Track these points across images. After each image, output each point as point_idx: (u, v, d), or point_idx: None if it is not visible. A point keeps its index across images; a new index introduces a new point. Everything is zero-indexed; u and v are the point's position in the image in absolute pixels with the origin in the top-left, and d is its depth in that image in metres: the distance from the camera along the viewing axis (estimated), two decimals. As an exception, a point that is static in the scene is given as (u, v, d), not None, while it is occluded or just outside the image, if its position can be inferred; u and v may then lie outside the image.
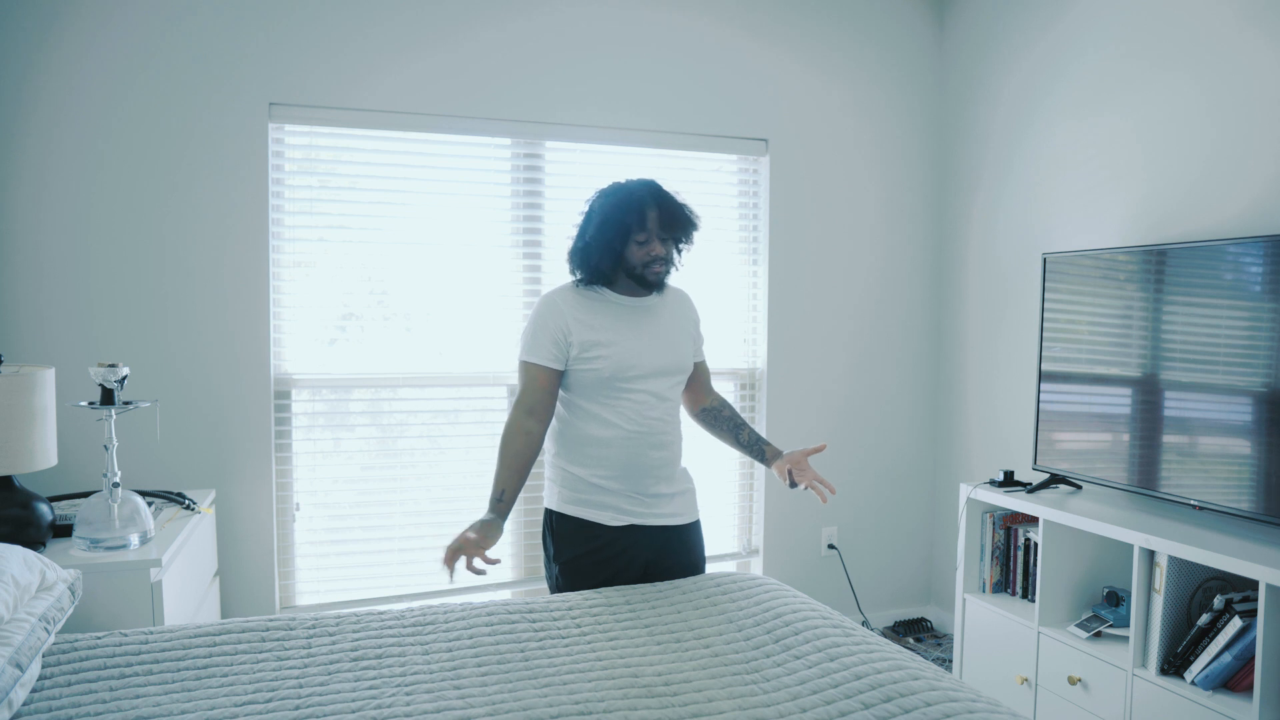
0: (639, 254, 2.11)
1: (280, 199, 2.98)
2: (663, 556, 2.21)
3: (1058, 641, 2.66)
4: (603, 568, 2.15)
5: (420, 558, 3.20)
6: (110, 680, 1.60)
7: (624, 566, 2.16)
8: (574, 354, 2.11)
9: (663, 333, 2.19)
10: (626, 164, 3.38)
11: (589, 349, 2.10)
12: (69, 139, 2.72)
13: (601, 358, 2.10)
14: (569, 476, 2.17)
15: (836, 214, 3.64)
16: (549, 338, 2.11)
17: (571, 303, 2.14)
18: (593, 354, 2.10)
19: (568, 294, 2.17)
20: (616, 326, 2.13)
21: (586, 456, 2.15)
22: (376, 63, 2.99)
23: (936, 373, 3.84)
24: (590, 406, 2.14)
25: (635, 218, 2.09)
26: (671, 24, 3.34)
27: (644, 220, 2.09)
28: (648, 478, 2.15)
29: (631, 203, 2.10)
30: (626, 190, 2.14)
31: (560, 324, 2.11)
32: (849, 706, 1.52)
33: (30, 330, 2.71)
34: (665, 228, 2.11)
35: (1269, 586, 2.04)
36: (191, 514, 2.51)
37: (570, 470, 2.17)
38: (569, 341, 2.11)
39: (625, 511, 2.15)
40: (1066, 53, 3.13)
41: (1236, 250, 2.38)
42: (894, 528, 3.81)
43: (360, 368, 3.12)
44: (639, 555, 2.18)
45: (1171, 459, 2.55)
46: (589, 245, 2.13)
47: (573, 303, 2.14)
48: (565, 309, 2.13)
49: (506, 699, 1.54)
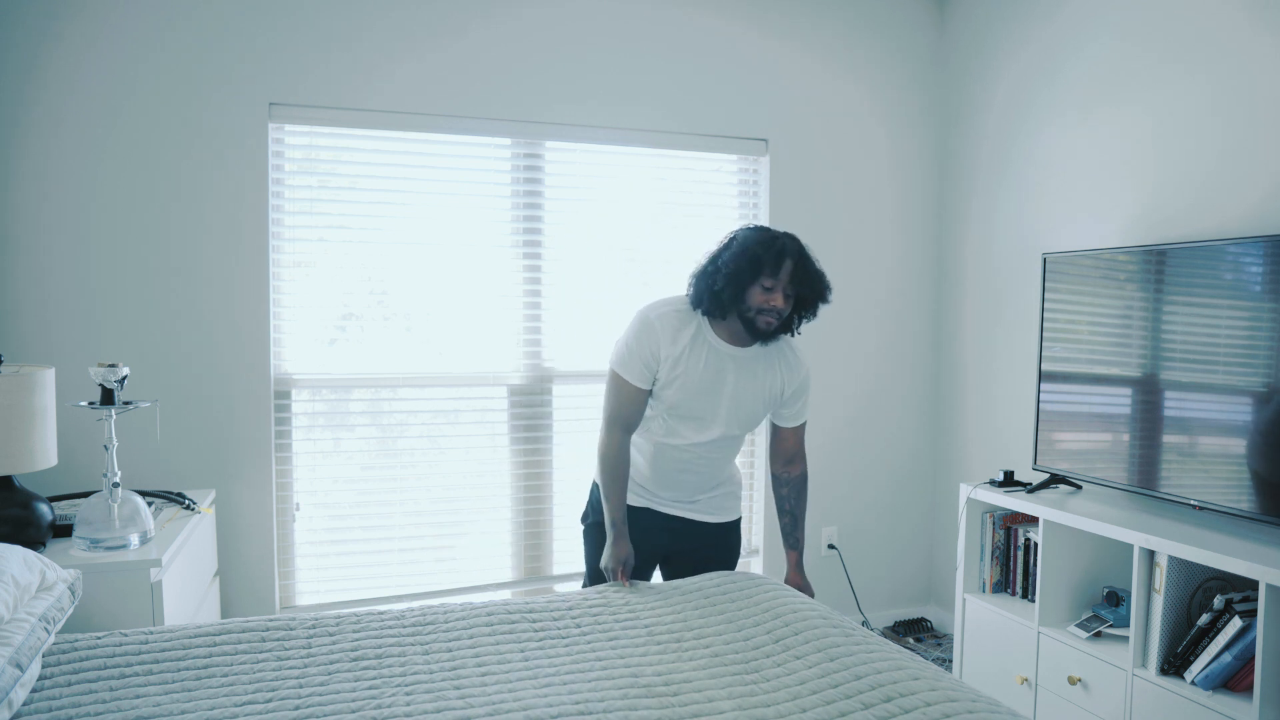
0: (759, 298, 2.06)
1: (280, 199, 2.98)
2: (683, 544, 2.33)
3: (1058, 641, 2.66)
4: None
5: (420, 558, 3.20)
6: (110, 680, 1.60)
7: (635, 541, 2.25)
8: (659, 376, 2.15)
9: (747, 387, 2.17)
10: (626, 164, 3.39)
11: (670, 377, 2.14)
12: (69, 139, 2.72)
13: (673, 388, 2.14)
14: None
15: (836, 214, 3.64)
16: (640, 357, 2.14)
17: (672, 327, 2.13)
18: (670, 383, 2.14)
19: (670, 317, 2.15)
20: (703, 365, 2.14)
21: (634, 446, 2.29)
22: (376, 63, 2.99)
23: (936, 373, 3.84)
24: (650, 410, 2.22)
25: (772, 260, 2.06)
26: (671, 24, 3.34)
27: (779, 267, 2.06)
28: (671, 489, 2.29)
29: (774, 246, 2.07)
30: (773, 236, 2.11)
31: (655, 346, 2.13)
32: (849, 707, 1.52)
33: (30, 330, 2.71)
34: (795, 282, 2.08)
35: (1269, 586, 2.04)
36: (191, 514, 2.51)
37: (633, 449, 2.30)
38: (658, 363, 2.14)
39: (643, 495, 2.30)
40: (1066, 52, 3.13)
41: (1237, 250, 2.37)
42: (894, 528, 3.81)
43: (360, 368, 3.12)
44: (655, 540, 2.30)
45: (1171, 459, 2.55)
46: (718, 270, 2.09)
47: (673, 328, 2.13)
48: (664, 333, 2.13)
49: (506, 699, 1.55)
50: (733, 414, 2.18)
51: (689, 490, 2.29)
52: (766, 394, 2.20)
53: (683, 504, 2.31)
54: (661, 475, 2.26)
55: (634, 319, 2.18)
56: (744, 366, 2.17)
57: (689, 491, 2.30)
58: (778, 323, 2.10)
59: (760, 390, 2.19)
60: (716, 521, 2.35)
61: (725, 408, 2.16)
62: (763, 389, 2.19)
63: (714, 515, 2.35)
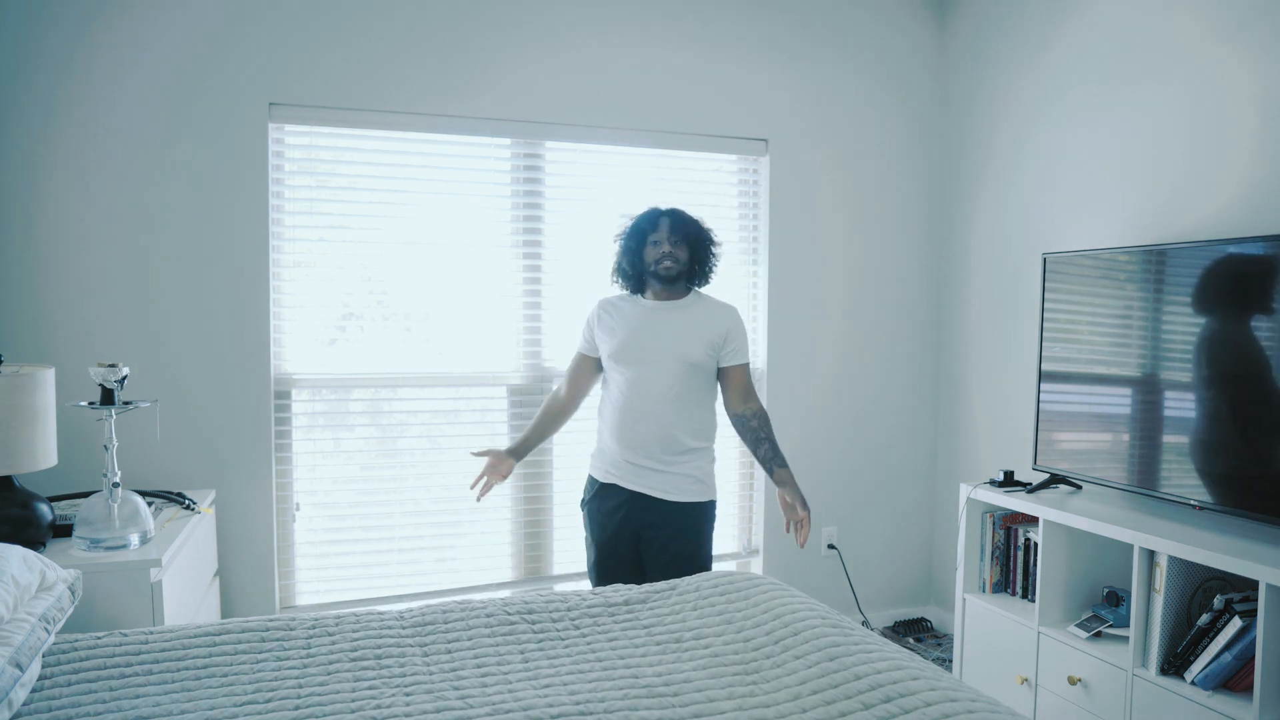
0: (652, 253, 2.54)
1: (280, 199, 2.98)
2: (653, 528, 2.51)
3: (1058, 641, 2.66)
4: (592, 516, 2.60)
5: (420, 558, 3.20)
6: (110, 680, 1.61)
7: (605, 515, 2.55)
8: (595, 338, 2.62)
9: (672, 331, 2.52)
10: (626, 164, 3.39)
11: (603, 333, 2.59)
12: (68, 139, 2.72)
13: (608, 340, 2.57)
14: (597, 436, 2.64)
15: (836, 214, 3.64)
16: (584, 330, 2.68)
17: (609, 302, 2.65)
18: (604, 338, 2.59)
19: (609, 299, 2.66)
20: (630, 320, 2.57)
21: (601, 419, 2.62)
22: (376, 63, 2.99)
23: (936, 372, 3.83)
24: (606, 383, 2.63)
25: (649, 223, 2.57)
26: (671, 24, 3.34)
27: (656, 224, 2.56)
28: (632, 449, 2.50)
29: (648, 214, 2.60)
30: (648, 208, 2.63)
31: (590, 317, 2.66)
32: (849, 707, 1.52)
33: (30, 330, 2.71)
34: (675, 230, 2.55)
35: (1269, 586, 2.04)
36: (191, 514, 2.51)
37: (599, 429, 2.63)
38: (594, 329, 2.63)
39: (610, 473, 2.55)
40: (1067, 52, 3.13)
41: (1236, 250, 2.37)
42: (894, 528, 3.81)
43: (360, 368, 3.12)
44: (626, 518, 2.52)
45: (1171, 459, 2.55)
46: (619, 251, 2.61)
47: (610, 301, 2.65)
48: (599, 307, 2.65)
49: (506, 699, 1.55)
50: (671, 350, 2.49)
51: (649, 448, 2.48)
52: (699, 337, 2.51)
53: (646, 474, 2.49)
54: (624, 429, 2.50)
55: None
56: (674, 315, 2.55)
57: (649, 453, 2.48)
58: (676, 266, 2.53)
59: (692, 333, 2.51)
60: (680, 501, 2.50)
61: (662, 345, 2.50)
62: (695, 331, 2.52)
63: (677, 493, 2.49)
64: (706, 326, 2.53)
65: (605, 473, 2.56)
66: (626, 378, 2.52)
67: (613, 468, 2.54)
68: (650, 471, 2.50)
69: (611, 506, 2.54)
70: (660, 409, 2.48)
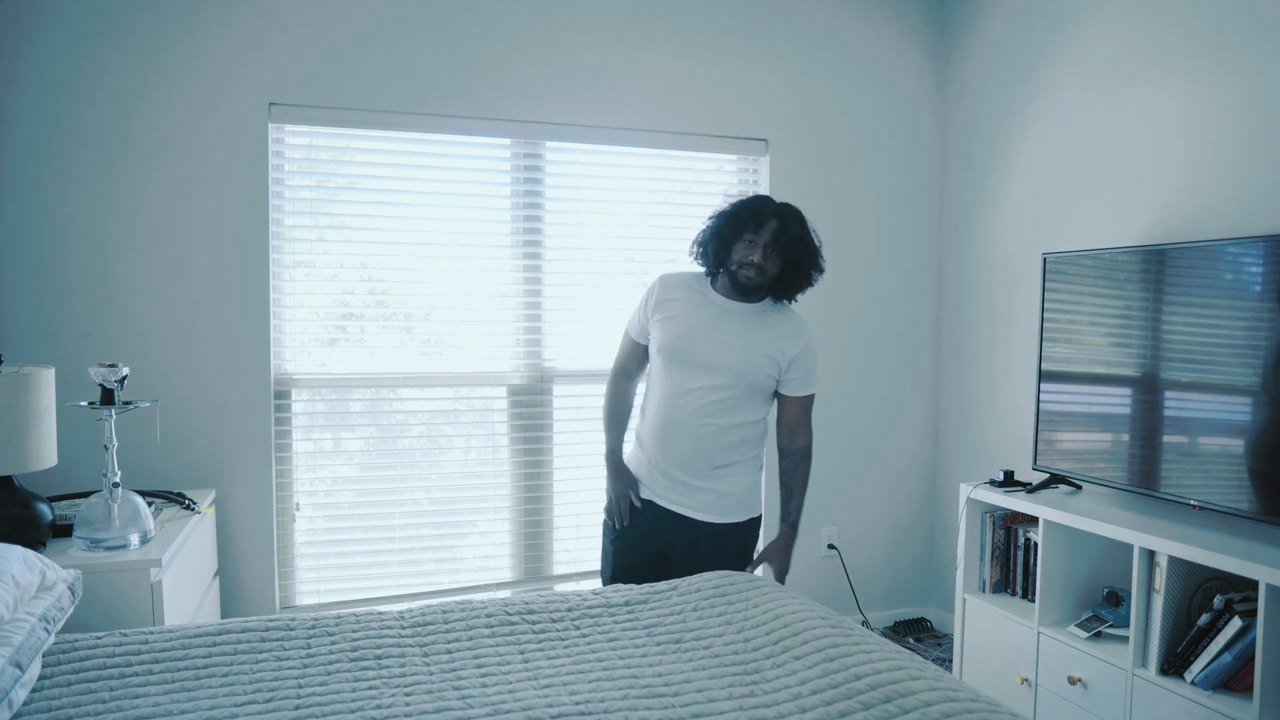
0: (740, 252, 2.19)
1: (280, 199, 2.98)
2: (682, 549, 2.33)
3: (1058, 641, 2.66)
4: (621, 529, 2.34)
5: (420, 558, 3.20)
6: (110, 680, 1.60)
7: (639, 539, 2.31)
8: (650, 323, 2.31)
9: (737, 339, 2.23)
10: (627, 164, 3.39)
11: (659, 320, 2.28)
12: (68, 139, 2.72)
13: (661, 328, 2.26)
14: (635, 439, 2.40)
15: (836, 214, 3.64)
16: (638, 310, 2.36)
17: (672, 282, 2.32)
18: (658, 324, 2.28)
19: (675, 276, 2.34)
20: (692, 311, 2.26)
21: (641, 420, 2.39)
22: (377, 63, 2.99)
23: (936, 372, 3.83)
24: (650, 379, 2.35)
25: (754, 218, 2.19)
26: (671, 24, 3.34)
27: (760, 225, 2.18)
28: (668, 462, 2.28)
29: (758, 205, 2.21)
30: (763, 198, 2.27)
31: (649, 297, 2.32)
32: (849, 707, 1.51)
33: (30, 330, 2.71)
34: (778, 241, 2.18)
35: (1269, 586, 2.04)
36: (191, 514, 2.51)
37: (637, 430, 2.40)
38: (650, 312, 2.31)
39: (647, 487, 2.32)
40: (1067, 52, 3.13)
41: (1236, 250, 2.37)
42: (894, 528, 3.81)
43: (360, 368, 3.12)
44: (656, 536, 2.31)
45: (1171, 459, 2.55)
46: (708, 227, 2.27)
47: (673, 283, 2.31)
48: (660, 286, 2.31)
49: (506, 699, 1.54)
50: (720, 358, 2.21)
51: (686, 464, 2.25)
52: (764, 354, 2.24)
53: (679, 489, 2.27)
54: (659, 440, 2.27)
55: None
56: (741, 320, 2.25)
57: (686, 467, 2.26)
58: (759, 279, 2.20)
59: (757, 348, 2.24)
60: (714, 522, 2.30)
61: (713, 350, 2.22)
62: (761, 347, 2.24)
63: (711, 513, 2.30)
64: (774, 345, 2.24)
65: (643, 487, 2.33)
66: (674, 379, 2.24)
67: (649, 480, 2.31)
68: (686, 487, 2.27)
69: (645, 530, 2.32)
70: (702, 424, 2.23)
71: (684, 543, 2.31)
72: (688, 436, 2.24)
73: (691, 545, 2.31)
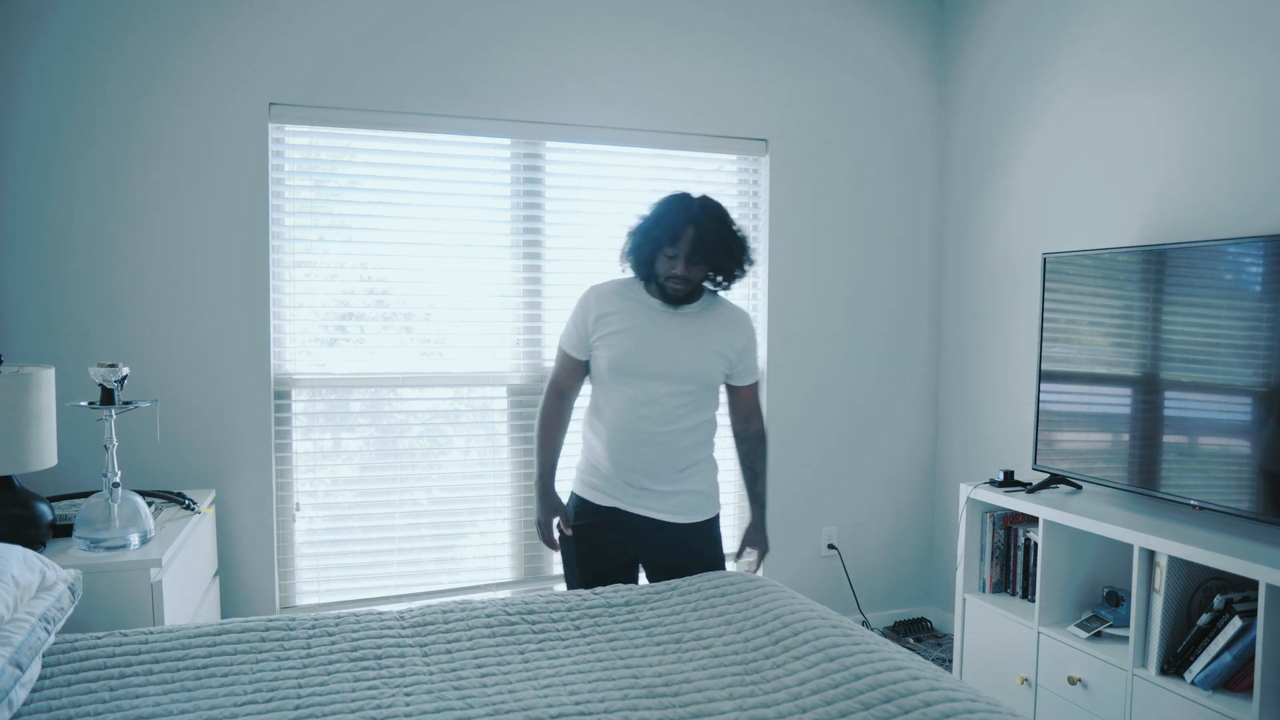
0: (664, 266, 2.17)
1: (280, 199, 2.98)
2: (658, 553, 2.30)
3: (1058, 641, 2.66)
4: (585, 539, 2.29)
5: (420, 558, 3.20)
6: (110, 680, 1.60)
7: (609, 547, 2.28)
8: (591, 340, 2.24)
9: (685, 341, 2.22)
10: (627, 164, 3.39)
11: (601, 337, 2.22)
12: (69, 139, 2.72)
13: (608, 346, 2.21)
14: (585, 448, 2.34)
15: (836, 214, 3.64)
16: (575, 327, 2.27)
17: (605, 294, 2.25)
18: (603, 341, 2.22)
19: (606, 287, 2.28)
20: (636, 323, 2.21)
21: (593, 433, 2.30)
22: (377, 63, 2.99)
23: (936, 372, 3.84)
24: (598, 390, 2.29)
25: (669, 234, 2.14)
26: (671, 24, 3.34)
27: (677, 238, 2.13)
28: (634, 472, 2.24)
29: (671, 218, 2.15)
30: (678, 203, 2.18)
31: (586, 314, 2.25)
32: (849, 707, 1.52)
33: (30, 330, 2.71)
34: (696, 251, 2.13)
35: (1269, 586, 2.04)
36: (191, 514, 2.51)
37: (587, 440, 2.33)
38: (589, 329, 2.24)
39: (610, 495, 2.27)
40: (1067, 52, 3.13)
41: (1236, 250, 2.37)
42: (894, 528, 3.81)
43: (360, 368, 3.12)
44: (627, 544, 2.29)
45: (1171, 459, 2.55)
46: (629, 246, 2.23)
47: (607, 294, 2.25)
48: (595, 300, 2.25)
49: (506, 699, 1.55)
50: (677, 366, 2.19)
51: (653, 472, 2.22)
52: (714, 352, 2.24)
53: (650, 496, 2.24)
54: (623, 453, 2.22)
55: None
56: (687, 322, 2.23)
57: (654, 474, 2.23)
58: (687, 288, 2.18)
59: (708, 347, 2.23)
60: (688, 522, 2.29)
61: (668, 360, 2.19)
62: (710, 345, 2.24)
63: (684, 514, 2.28)
64: (722, 341, 2.25)
65: (605, 495, 2.27)
66: (627, 394, 2.20)
67: (612, 490, 2.26)
68: (655, 494, 2.25)
69: (617, 538, 2.28)
70: (668, 432, 2.21)
71: (659, 546, 2.29)
72: (654, 445, 2.21)
73: (667, 548, 2.28)
